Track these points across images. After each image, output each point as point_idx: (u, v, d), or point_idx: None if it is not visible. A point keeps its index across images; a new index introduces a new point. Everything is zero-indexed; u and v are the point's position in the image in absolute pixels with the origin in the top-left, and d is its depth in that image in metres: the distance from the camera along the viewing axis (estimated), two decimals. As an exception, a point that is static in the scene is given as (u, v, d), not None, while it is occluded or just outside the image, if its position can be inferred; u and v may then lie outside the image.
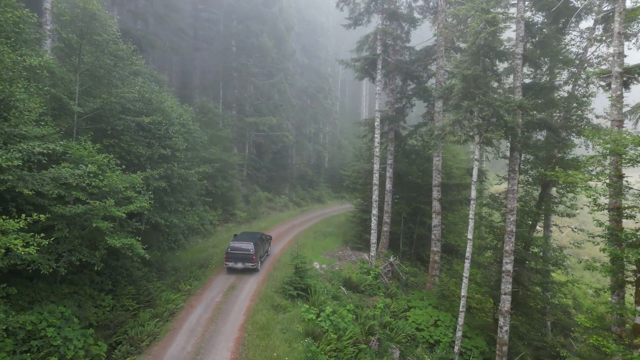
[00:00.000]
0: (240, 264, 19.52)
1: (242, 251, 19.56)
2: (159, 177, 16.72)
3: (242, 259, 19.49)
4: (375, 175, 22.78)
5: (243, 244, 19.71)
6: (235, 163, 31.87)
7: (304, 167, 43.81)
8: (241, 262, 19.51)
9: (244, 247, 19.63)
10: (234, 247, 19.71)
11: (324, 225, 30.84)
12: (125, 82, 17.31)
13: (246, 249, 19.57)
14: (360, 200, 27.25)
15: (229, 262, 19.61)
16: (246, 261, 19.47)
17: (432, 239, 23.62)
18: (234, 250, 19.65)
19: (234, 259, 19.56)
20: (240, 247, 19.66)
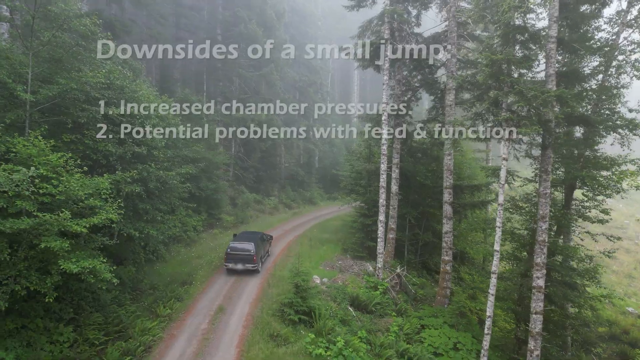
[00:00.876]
0: (241, 265, 18.61)
1: (243, 252, 18.65)
2: (132, 181, 13.85)
3: (242, 259, 18.59)
4: (382, 177, 20.22)
5: (243, 244, 18.78)
6: (221, 162, 28.99)
7: (294, 166, 41.09)
8: (241, 263, 18.61)
9: (244, 247, 18.71)
10: (234, 247, 18.75)
11: (319, 231, 28.19)
12: (93, 65, 14.40)
13: (247, 249, 18.66)
14: (361, 203, 24.65)
15: (228, 263, 18.70)
16: (247, 262, 18.56)
17: (443, 247, 21.19)
18: (234, 251, 18.70)
19: (234, 260, 18.64)
20: (240, 247, 18.73)
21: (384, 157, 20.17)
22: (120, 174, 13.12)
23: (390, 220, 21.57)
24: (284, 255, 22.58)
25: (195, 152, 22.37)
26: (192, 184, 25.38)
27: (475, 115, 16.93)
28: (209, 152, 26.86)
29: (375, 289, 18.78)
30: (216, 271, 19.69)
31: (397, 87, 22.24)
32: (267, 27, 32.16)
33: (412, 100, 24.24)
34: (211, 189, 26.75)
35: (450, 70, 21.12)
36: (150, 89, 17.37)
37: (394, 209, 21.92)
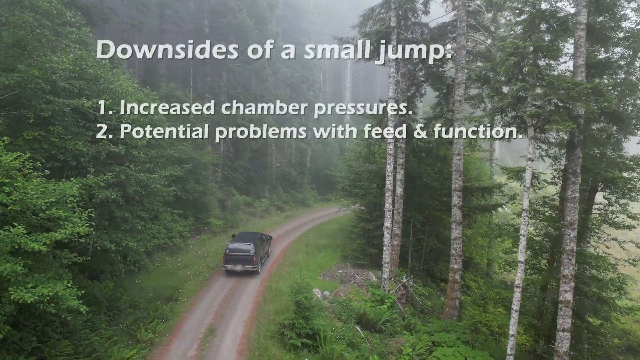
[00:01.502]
0: (240, 266, 18.29)
1: (242, 252, 18.33)
2: (107, 185, 11.87)
3: (241, 260, 18.29)
4: (388, 179, 18.47)
5: (242, 245, 18.49)
6: (209, 163, 27.02)
7: (285, 166, 39.17)
8: (241, 264, 18.29)
9: (243, 248, 18.40)
10: (233, 248, 18.48)
11: (315, 236, 26.35)
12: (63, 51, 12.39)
13: (246, 250, 18.34)
14: (360, 206, 22.88)
15: (227, 264, 18.39)
16: (246, 263, 18.25)
17: (452, 255, 19.56)
18: (233, 252, 18.41)
19: (233, 261, 18.34)
20: (239, 248, 18.42)
21: (391, 158, 18.43)
22: (93, 178, 11.14)
23: (395, 226, 19.86)
24: (280, 263, 20.71)
25: (181, 152, 20.39)
26: (178, 186, 23.42)
27: (494, 111, 15.25)
28: (196, 151, 24.88)
29: (381, 303, 17.03)
30: (205, 284, 17.78)
31: (402, 80, 20.51)
32: (259, 19, 30.20)
33: (415, 96, 22.55)
34: (199, 192, 24.78)
35: (459, 63, 19.47)
36: (129, 80, 15.34)
37: (398, 213, 20.20)
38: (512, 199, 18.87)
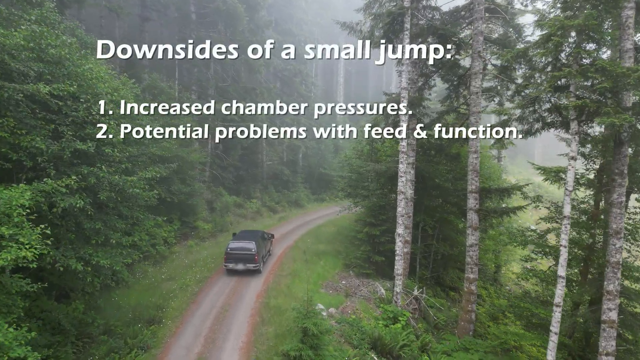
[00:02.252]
0: (242, 265, 17.93)
1: (243, 251, 17.95)
2: (72, 191, 9.63)
3: (243, 259, 17.92)
4: (400, 180, 16.43)
5: (244, 244, 18.09)
6: (196, 161, 24.73)
7: (277, 164, 36.94)
8: (242, 263, 17.93)
9: (244, 246, 18.02)
10: (234, 247, 18.07)
11: (313, 240, 24.24)
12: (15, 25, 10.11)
13: (247, 248, 17.97)
14: (361, 208, 20.80)
15: (228, 264, 18.03)
16: (248, 262, 17.90)
17: (468, 263, 17.65)
18: (234, 251, 18.01)
19: (234, 260, 17.97)
20: (240, 246, 18.05)
21: (404, 156, 16.37)
22: (52, 182, 8.88)
23: (405, 231, 17.85)
24: (277, 274, 18.58)
25: (165, 150, 18.09)
26: (162, 188, 21.16)
27: (529, 102, 13.30)
28: (181, 149, 22.59)
29: (394, 321, 15.02)
30: (193, 300, 15.59)
31: (412, 70, 18.48)
32: (250, 6, 27.92)
33: (424, 87, 20.56)
34: (185, 193, 22.51)
35: (476, 51, 17.54)
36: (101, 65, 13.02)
37: (408, 218, 18.22)
38: (535, 201, 17.00)
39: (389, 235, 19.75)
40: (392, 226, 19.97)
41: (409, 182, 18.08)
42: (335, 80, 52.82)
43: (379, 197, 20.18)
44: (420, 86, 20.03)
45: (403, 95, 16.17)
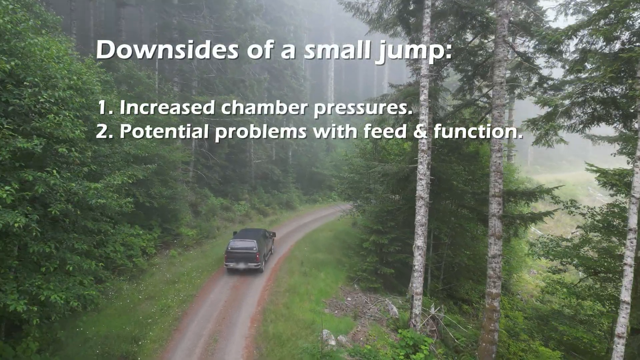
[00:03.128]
0: (243, 264, 17.56)
1: (244, 250, 17.59)
2: (8, 204, 7.11)
3: (244, 258, 17.55)
4: (420, 184, 14.19)
5: (245, 242, 17.74)
6: (178, 160, 22.17)
7: (266, 163, 34.45)
8: (243, 262, 17.56)
9: (246, 245, 17.66)
10: (235, 246, 17.69)
11: (310, 248, 21.87)
12: None
13: (249, 247, 17.61)
14: (371, 216, 18.51)
15: (229, 263, 17.67)
16: (249, 261, 17.53)
17: (490, 276, 15.51)
18: (235, 250, 17.63)
19: (235, 259, 17.59)
20: (241, 245, 17.69)
21: (424, 156, 14.11)
22: (-24, 195, 6.38)
23: (424, 243, 15.61)
24: (273, 290, 16.21)
25: (142, 149, 15.52)
26: (140, 191, 18.62)
27: (578, 92, 11.16)
28: (162, 147, 20.03)
29: (415, 349, 12.78)
30: (176, 327, 13.12)
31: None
32: (237, -11, 25.41)
33: (437, 78, 18.34)
34: (166, 197, 19.97)
35: (500, 35, 15.38)
36: (55, 40, 10.45)
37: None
38: (569, 207, 14.96)
39: (398, 244, 17.55)
40: (402, 234, 17.80)
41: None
42: (325, 74, 50.40)
43: (386, 202, 17.96)
44: (432, 77, 17.80)
45: (423, 84, 13.89)
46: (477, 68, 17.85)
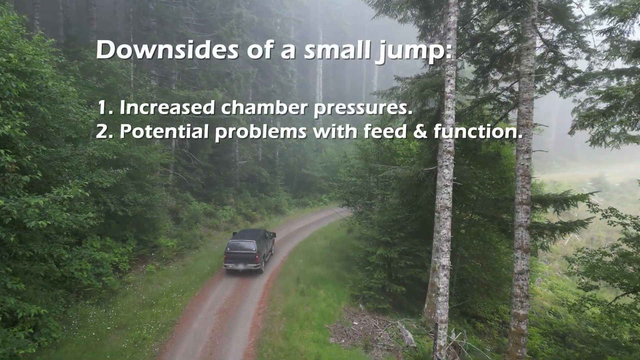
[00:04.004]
0: (242, 264, 17.32)
1: (244, 250, 17.35)
2: None
3: (243, 259, 17.31)
4: (445, 192, 12.07)
5: (244, 243, 17.48)
6: (157, 162, 19.70)
7: (252, 164, 32.06)
8: (242, 263, 17.32)
9: (245, 245, 17.41)
10: (234, 245, 17.46)
11: (305, 260, 19.61)
12: None
13: (248, 248, 17.35)
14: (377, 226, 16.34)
15: (228, 264, 17.39)
16: (248, 262, 17.28)
17: (516, 295, 13.58)
18: (234, 250, 17.38)
19: (235, 260, 17.35)
20: (240, 245, 17.44)
21: (449, 158, 11.98)
22: None
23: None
24: (267, 313, 13.93)
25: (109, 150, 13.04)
26: (111, 197, 16.17)
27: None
28: (137, 148, 17.56)
29: (442, 391, 10.67)
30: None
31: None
32: (222, -27, 23.00)
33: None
34: (142, 204, 17.49)
35: (529, 19, 13.45)
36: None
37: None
38: (608, 216, 13.06)
39: (408, 257, 15.45)
40: (411, 245, 15.71)
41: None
42: (312, 70, 48.11)
43: (393, 209, 15.84)
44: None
45: (449, 72, 11.79)
46: (495, 59, 15.85)
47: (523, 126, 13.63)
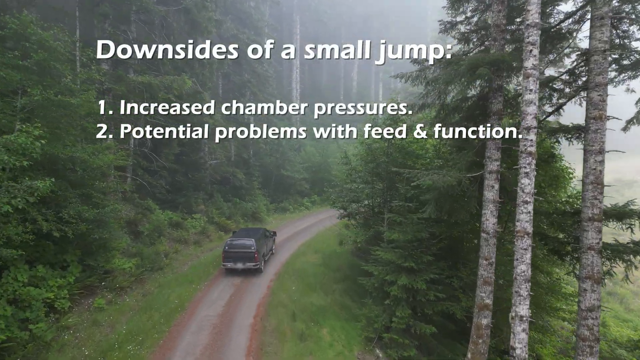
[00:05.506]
0: (241, 264, 16.68)
1: (242, 249, 16.70)
2: None
3: (242, 258, 16.69)
4: (525, 210, 8.64)
5: (243, 241, 16.83)
6: (109, 165, 15.63)
7: (225, 165, 28.05)
8: (241, 261, 16.69)
9: (243, 244, 16.76)
10: (232, 244, 16.82)
11: (298, 285, 15.91)
12: None
13: (247, 246, 16.71)
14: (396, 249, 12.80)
15: (227, 263, 16.74)
16: (247, 261, 16.65)
17: (584, 338, 10.59)
18: (233, 249, 16.73)
19: (233, 259, 16.72)
20: (239, 244, 16.80)
21: (529, 161, 8.57)
22: None
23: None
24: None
25: (24, 151, 8.97)
26: (45, 213, 12.12)
27: None
28: (82, 147, 13.47)
29: None
30: None
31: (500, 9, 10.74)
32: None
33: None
34: (89, 220, 13.42)
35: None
36: None
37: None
38: None
39: (437, 287, 12.07)
40: (442, 271, 12.33)
41: (491, 202, 10.40)
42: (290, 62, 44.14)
43: (416, 226, 12.41)
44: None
45: (531, 39, 8.40)
46: (549, 35, 12.56)
47: (594, 119, 10.47)
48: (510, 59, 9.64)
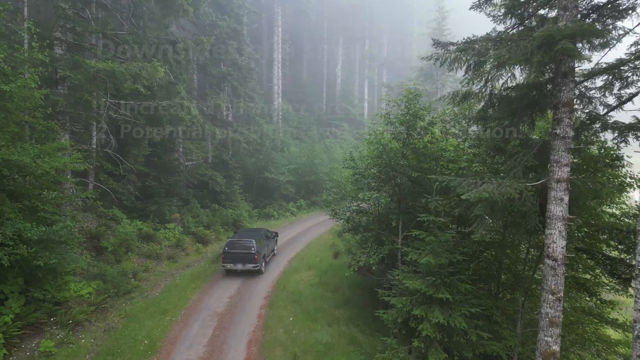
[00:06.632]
0: (240, 264, 16.36)
1: (242, 250, 16.30)
2: None
3: (242, 259, 16.32)
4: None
5: (243, 242, 16.42)
6: (63, 169, 12.68)
7: (203, 167, 25.12)
8: (241, 262, 16.35)
9: (243, 244, 16.34)
10: (232, 244, 16.42)
11: (296, 314, 13.24)
12: None
13: (247, 247, 16.27)
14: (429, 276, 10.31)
15: (227, 264, 16.42)
16: (247, 261, 16.28)
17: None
18: (233, 249, 16.34)
19: (233, 260, 16.37)
20: (239, 244, 16.38)
21: None
22: None
23: (550, 334, 7.69)
24: None
25: None
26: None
27: None
28: (22, 148, 10.52)
29: None
30: None
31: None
32: None
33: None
34: (34, 242, 10.49)
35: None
36: None
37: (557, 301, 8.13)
38: None
39: (477, 323, 9.67)
40: (480, 300, 9.96)
41: (561, 220, 8.03)
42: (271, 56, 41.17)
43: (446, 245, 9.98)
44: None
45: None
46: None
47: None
48: (599, 33, 7.25)
